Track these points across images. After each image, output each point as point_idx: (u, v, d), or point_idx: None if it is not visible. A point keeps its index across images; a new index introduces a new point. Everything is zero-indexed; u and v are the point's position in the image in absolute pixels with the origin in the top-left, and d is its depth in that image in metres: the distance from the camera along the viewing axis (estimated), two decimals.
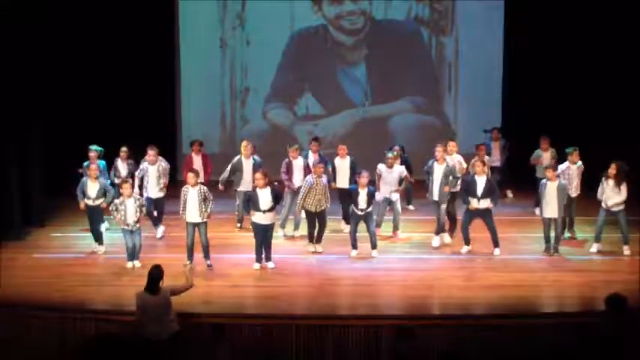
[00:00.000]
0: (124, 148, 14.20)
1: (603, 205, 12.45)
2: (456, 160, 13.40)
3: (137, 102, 17.20)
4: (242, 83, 18.52)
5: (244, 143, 13.96)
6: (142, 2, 17.11)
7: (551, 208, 12.34)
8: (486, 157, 14.92)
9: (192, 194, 11.68)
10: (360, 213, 12.37)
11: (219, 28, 18.31)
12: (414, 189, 15.04)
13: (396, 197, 13.29)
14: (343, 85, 18.55)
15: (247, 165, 13.72)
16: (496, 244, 12.53)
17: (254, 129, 18.49)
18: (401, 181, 13.31)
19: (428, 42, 18.41)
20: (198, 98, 18.48)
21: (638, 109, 16.12)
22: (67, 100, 16.22)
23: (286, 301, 10.71)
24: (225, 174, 13.83)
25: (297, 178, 13.44)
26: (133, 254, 11.95)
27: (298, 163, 13.61)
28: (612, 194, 12.34)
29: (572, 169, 13.22)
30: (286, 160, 13.68)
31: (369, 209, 12.40)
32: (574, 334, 9.44)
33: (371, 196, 12.34)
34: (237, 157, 13.87)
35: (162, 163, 13.67)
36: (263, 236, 11.87)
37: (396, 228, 13.51)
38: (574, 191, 13.22)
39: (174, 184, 14.91)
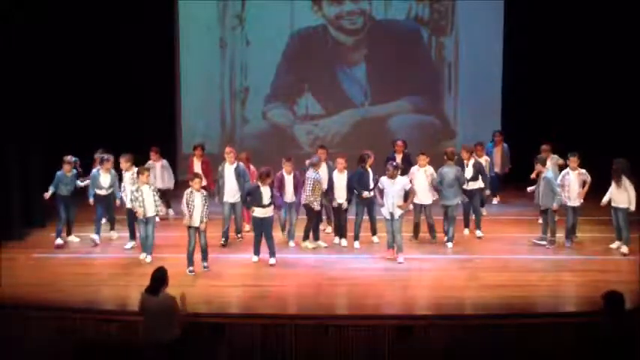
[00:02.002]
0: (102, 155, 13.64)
1: (612, 204, 12.52)
2: (429, 172, 13.10)
3: (137, 102, 17.21)
4: (242, 83, 18.53)
5: (227, 149, 13.33)
6: (142, 2, 17.12)
7: (538, 199, 12.87)
8: (486, 158, 14.80)
9: (197, 199, 11.71)
10: (368, 195, 12.68)
11: (219, 28, 18.32)
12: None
13: (399, 213, 12.20)
14: (343, 85, 18.55)
15: (229, 171, 13.15)
16: (466, 225, 13.67)
17: (254, 129, 18.51)
18: (406, 195, 12.32)
19: (428, 42, 18.41)
20: (198, 98, 18.49)
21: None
22: (67, 101, 16.22)
23: (286, 301, 10.72)
24: (217, 186, 13.36)
25: (289, 193, 12.88)
26: (146, 245, 12.26)
27: (290, 179, 12.89)
28: (615, 192, 12.40)
29: (571, 175, 12.74)
30: (279, 174, 12.86)
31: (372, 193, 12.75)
32: (574, 334, 9.45)
33: (375, 181, 12.69)
34: (222, 164, 13.26)
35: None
36: (261, 229, 12.07)
37: (399, 250, 12.26)
38: (573, 200, 12.72)
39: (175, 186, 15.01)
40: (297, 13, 18.27)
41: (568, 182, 12.72)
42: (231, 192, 13.13)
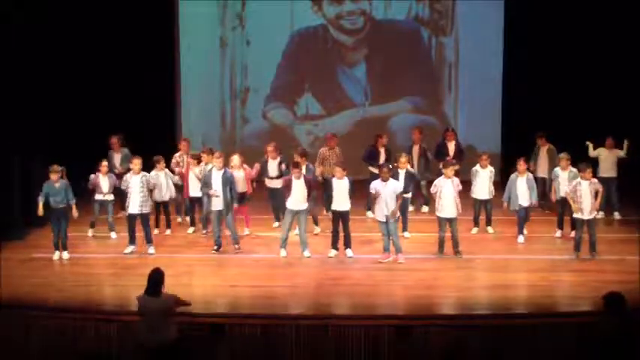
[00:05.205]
0: (104, 162, 13.58)
1: (603, 175, 14.06)
2: (455, 183, 12.38)
3: (137, 102, 17.21)
4: (242, 83, 18.55)
5: (216, 154, 12.74)
6: (142, 2, 17.12)
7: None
8: (491, 169, 13.62)
9: (215, 176, 12.50)
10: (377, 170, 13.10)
11: (219, 28, 18.34)
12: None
13: (393, 218, 12.11)
14: (343, 85, 18.56)
15: (217, 177, 12.47)
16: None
17: (254, 129, 18.53)
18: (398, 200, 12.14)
19: (428, 42, 18.41)
20: (198, 98, 18.51)
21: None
22: (68, 100, 16.21)
23: (286, 301, 10.72)
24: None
25: (296, 198, 12.33)
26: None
27: (299, 183, 12.34)
28: (606, 163, 14.24)
29: (583, 185, 12.08)
30: (287, 178, 12.59)
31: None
32: (574, 334, 9.46)
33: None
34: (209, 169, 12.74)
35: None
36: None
37: (398, 250, 12.18)
38: (586, 212, 12.07)
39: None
40: (297, 13, 18.28)
41: (580, 193, 12.04)
42: (219, 199, 12.49)
